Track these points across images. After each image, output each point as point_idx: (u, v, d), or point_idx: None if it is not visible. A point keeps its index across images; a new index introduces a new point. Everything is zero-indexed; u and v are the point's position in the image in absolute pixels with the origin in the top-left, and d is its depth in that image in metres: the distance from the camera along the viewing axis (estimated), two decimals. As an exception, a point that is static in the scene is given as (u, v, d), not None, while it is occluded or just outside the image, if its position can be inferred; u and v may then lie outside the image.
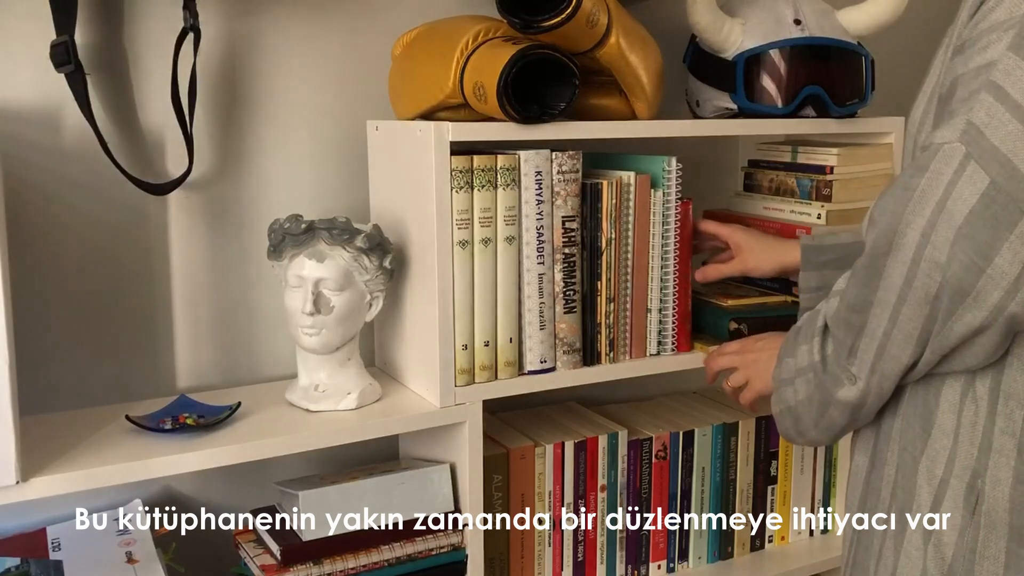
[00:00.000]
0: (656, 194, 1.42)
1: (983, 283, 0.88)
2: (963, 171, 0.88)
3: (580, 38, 1.29)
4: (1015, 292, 0.88)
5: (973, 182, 0.87)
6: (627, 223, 1.41)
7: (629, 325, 1.44)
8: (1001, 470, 0.94)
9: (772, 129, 1.49)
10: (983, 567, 0.95)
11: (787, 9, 1.49)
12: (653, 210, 1.42)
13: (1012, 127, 0.86)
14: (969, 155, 0.88)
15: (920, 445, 1.00)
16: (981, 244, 0.87)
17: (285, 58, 1.45)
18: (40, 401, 1.35)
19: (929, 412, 1.00)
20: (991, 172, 0.87)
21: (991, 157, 0.87)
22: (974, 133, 0.88)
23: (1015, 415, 0.94)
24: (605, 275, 1.40)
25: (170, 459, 1.17)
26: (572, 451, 1.51)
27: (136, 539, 1.29)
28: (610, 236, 1.39)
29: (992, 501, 0.94)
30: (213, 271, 1.44)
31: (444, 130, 1.25)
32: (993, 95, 0.87)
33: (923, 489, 0.99)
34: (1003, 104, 0.87)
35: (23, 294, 1.32)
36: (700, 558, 1.66)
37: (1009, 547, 0.94)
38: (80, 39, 1.30)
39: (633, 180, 1.40)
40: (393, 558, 1.31)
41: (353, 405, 1.32)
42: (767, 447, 1.69)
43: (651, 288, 1.44)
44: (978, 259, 0.87)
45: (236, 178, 1.44)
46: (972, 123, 0.88)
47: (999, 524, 0.94)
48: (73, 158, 1.33)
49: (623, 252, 1.41)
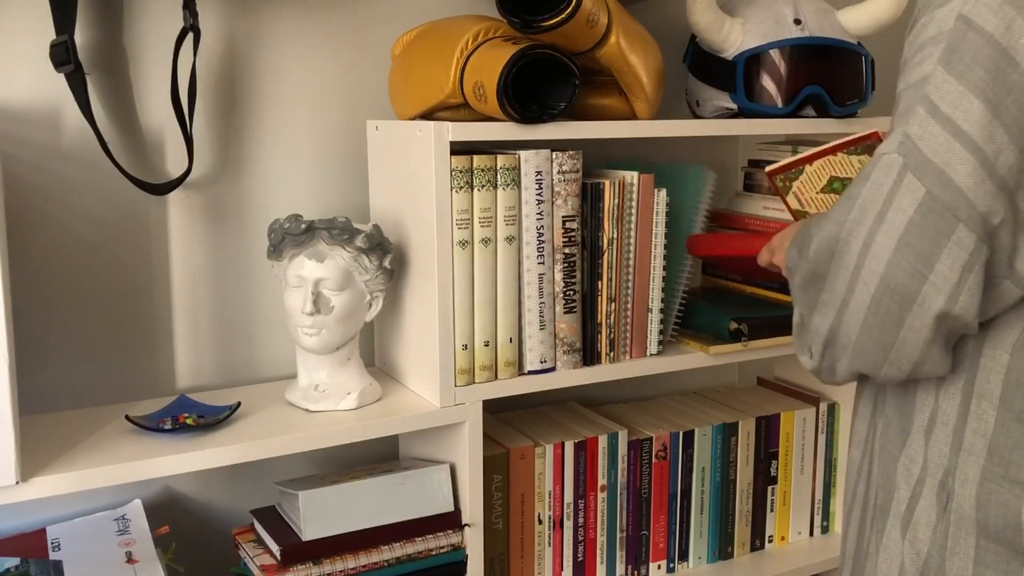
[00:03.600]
0: (659, 193, 1.42)
1: (927, 289, 0.91)
2: (901, 182, 0.92)
3: (580, 38, 1.29)
4: (956, 296, 0.91)
5: (911, 192, 0.92)
6: (629, 223, 1.41)
7: (630, 325, 1.43)
8: (970, 469, 0.98)
9: (772, 129, 1.49)
10: (953, 562, 0.99)
11: (787, 9, 1.49)
12: (656, 209, 1.42)
13: (943, 139, 0.90)
14: (906, 166, 0.92)
15: (899, 444, 1.04)
16: (922, 251, 0.91)
17: (285, 58, 1.45)
18: (40, 401, 1.35)
19: (908, 412, 1.03)
20: (926, 183, 0.91)
21: (925, 168, 0.91)
22: (910, 145, 0.92)
23: (987, 416, 0.97)
24: (606, 275, 1.40)
25: (170, 459, 1.17)
26: (572, 451, 1.51)
27: (136, 539, 1.29)
28: (612, 236, 1.39)
29: (960, 499, 0.98)
30: (213, 271, 1.44)
31: (444, 130, 1.25)
32: (925, 108, 0.92)
33: (901, 488, 1.04)
34: (934, 117, 0.91)
35: (23, 294, 1.32)
36: (700, 558, 1.66)
37: (978, 542, 0.98)
38: (80, 39, 1.30)
39: (636, 180, 1.40)
40: (393, 558, 1.31)
41: (353, 405, 1.32)
42: (767, 447, 1.69)
43: (652, 288, 1.44)
44: (920, 266, 0.91)
45: (236, 178, 1.44)
46: (908, 135, 0.92)
47: (967, 521, 0.98)
48: (73, 158, 1.33)
49: (625, 252, 1.41)
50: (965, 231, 0.90)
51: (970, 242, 0.90)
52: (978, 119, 0.89)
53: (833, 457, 1.76)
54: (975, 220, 0.90)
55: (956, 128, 0.90)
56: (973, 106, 0.89)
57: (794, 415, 1.71)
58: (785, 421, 1.70)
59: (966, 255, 0.90)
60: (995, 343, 0.97)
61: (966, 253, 0.90)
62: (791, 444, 1.71)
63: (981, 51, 0.90)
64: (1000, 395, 0.96)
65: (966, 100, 0.90)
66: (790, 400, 1.77)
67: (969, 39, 0.90)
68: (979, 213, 0.90)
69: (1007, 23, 0.89)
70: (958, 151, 0.90)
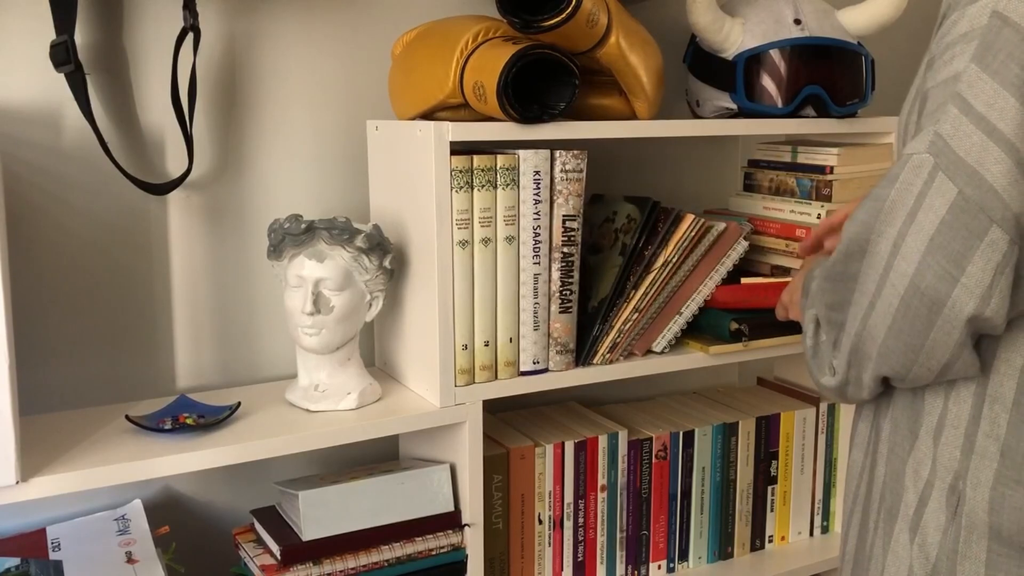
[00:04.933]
0: (742, 243, 1.49)
1: (958, 292, 0.89)
2: (932, 182, 0.90)
3: (580, 38, 1.29)
4: (988, 299, 0.89)
5: (942, 193, 0.89)
6: (696, 255, 1.46)
7: (645, 330, 1.45)
8: (983, 472, 0.96)
9: (772, 129, 1.49)
10: (964, 567, 0.97)
11: (787, 9, 1.49)
12: (734, 252, 1.49)
13: (976, 138, 0.88)
14: (937, 166, 0.90)
15: (907, 447, 1.02)
16: (953, 253, 0.89)
17: (285, 58, 1.45)
18: (40, 401, 1.35)
19: (916, 415, 1.02)
20: (958, 183, 0.88)
21: (958, 168, 0.89)
22: (941, 144, 0.90)
23: (1000, 419, 0.95)
24: (643, 289, 1.42)
25: (170, 459, 1.17)
26: (572, 451, 1.51)
27: (136, 539, 1.29)
28: (670, 258, 1.43)
29: (972, 503, 0.96)
30: (213, 271, 1.44)
31: (444, 130, 1.25)
32: (958, 107, 0.89)
33: (909, 491, 1.02)
34: (967, 116, 0.89)
35: (23, 294, 1.32)
36: (700, 558, 1.66)
37: (990, 547, 0.96)
38: (80, 39, 1.30)
39: (722, 227, 1.47)
40: (393, 558, 1.31)
41: (353, 405, 1.32)
42: (767, 447, 1.69)
43: (691, 302, 1.48)
44: (952, 268, 0.89)
45: (236, 178, 1.44)
46: (939, 135, 0.90)
47: (979, 525, 0.96)
48: (73, 158, 1.33)
49: (676, 275, 1.45)
50: (999, 232, 0.88)
51: (1003, 243, 0.88)
52: (1014, 117, 0.87)
53: (833, 457, 1.76)
54: (1009, 221, 0.87)
55: (991, 127, 0.88)
56: (1009, 104, 0.87)
57: (794, 415, 1.71)
58: (785, 421, 1.70)
59: (999, 257, 0.88)
60: (1010, 346, 0.95)
61: (999, 255, 0.88)
62: (791, 444, 1.71)
63: (1018, 47, 0.87)
64: (1014, 399, 0.94)
65: (1001, 98, 0.87)
66: (790, 400, 1.77)
67: (1004, 35, 0.88)
68: (1013, 214, 0.87)
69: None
70: (992, 150, 0.87)
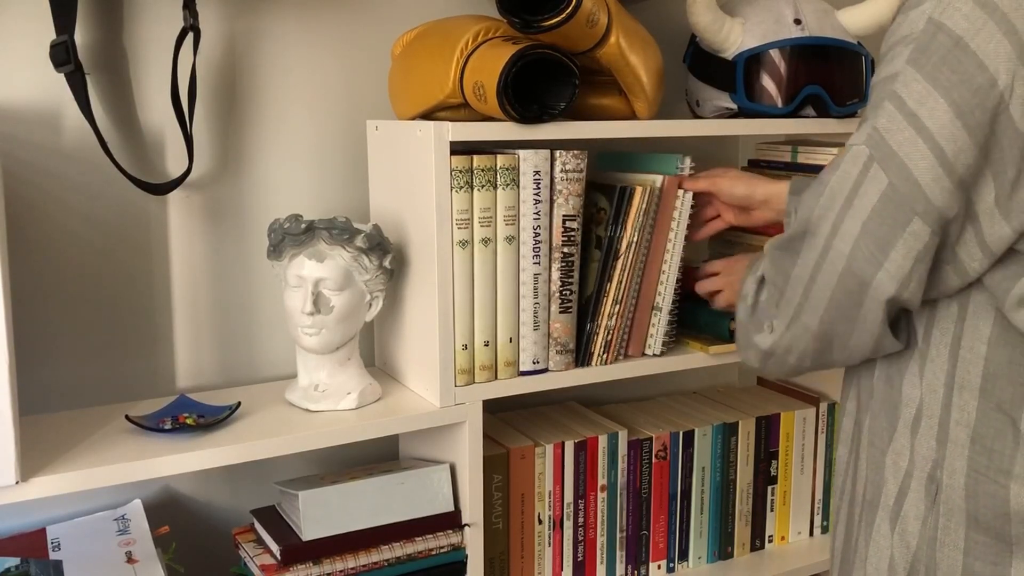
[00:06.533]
0: (685, 196, 1.43)
1: (881, 275, 0.96)
2: (867, 172, 0.97)
3: (580, 38, 1.29)
4: (908, 284, 0.96)
5: (876, 182, 0.96)
6: (648, 226, 1.42)
7: (630, 326, 1.43)
8: (957, 460, 1.00)
9: (772, 129, 1.49)
10: (944, 553, 1.01)
11: (787, 9, 1.49)
12: (675, 213, 1.43)
13: (908, 134, 0.94)
14: (872, 158, 0.97)
15: (887, 439, 1.07)
16: (880, 239, 0.96)
17: (285, 58, 1.45)
18: (40, 401, 1.35)
19: (894, 407, 1.06)
20: (890, 174, 0.95)
21: (890, 160, 0.95)
22: (877, 138, 0.96)
23: (968, 406, 1.00)
24: (617, 278, 1.40)
25: (170, 459, 1.17)
26: (572, 451, 1.51)
27: (136, 539, 1.29)
28: (632, 239, 1.40)
29: (950, 490, 1.01)
30: (213, 271, 1.44)
31: (444, 130, 1.25)
32: (894, 104, 0.95)
33: (889, 482, 1.06)
34: (901, 112, 0.95)
35: (23, 294, 1.32)
36: (700, 558, 1.66)
37: (968, 533, 1.00)
38: (80, 39, 1.30)
39: (661, 183, 1.41)
40: (393, 558, 1.31)
41: (353, 405, 1.32)
42: (767, 447, 1.69)
43: (662, 287, 1.44)
44: (878, 253, 0.96)
45: (236, 178, 1.44)
46: (876, 128, 0.97)
47: (957, 512, 1.00)
48: (73, 158, 1.33)
49: (639, 255, 1.42)
50: (920, 224, 0.94)
51: (925, 235, 0.94)
52: (941, 118, 0.92)
53: (833, 457, 1.76)
54: (931, 214, 0.94)
55: (920, 124, 0.93)
56: (938, 105, 0.92)
57: (794, 415, 1.71)
58: (785, 421, 1.70)
59: (920, 246, 0.95)
60: (973, 335, 1.00)
61: (920, 244, 0.95)
62: (791, 444, 1.71)
63: (950, 53, 0.92)
64: (980, 385, 0.99)
65: (932, 99, 0.93)
66: (790, 400, 1.77)
67: (938, 41, 0.93)
68: (935, 208, 0.93)
69: (977, 28, 0.91)
70: (920, 147, 0.93)
